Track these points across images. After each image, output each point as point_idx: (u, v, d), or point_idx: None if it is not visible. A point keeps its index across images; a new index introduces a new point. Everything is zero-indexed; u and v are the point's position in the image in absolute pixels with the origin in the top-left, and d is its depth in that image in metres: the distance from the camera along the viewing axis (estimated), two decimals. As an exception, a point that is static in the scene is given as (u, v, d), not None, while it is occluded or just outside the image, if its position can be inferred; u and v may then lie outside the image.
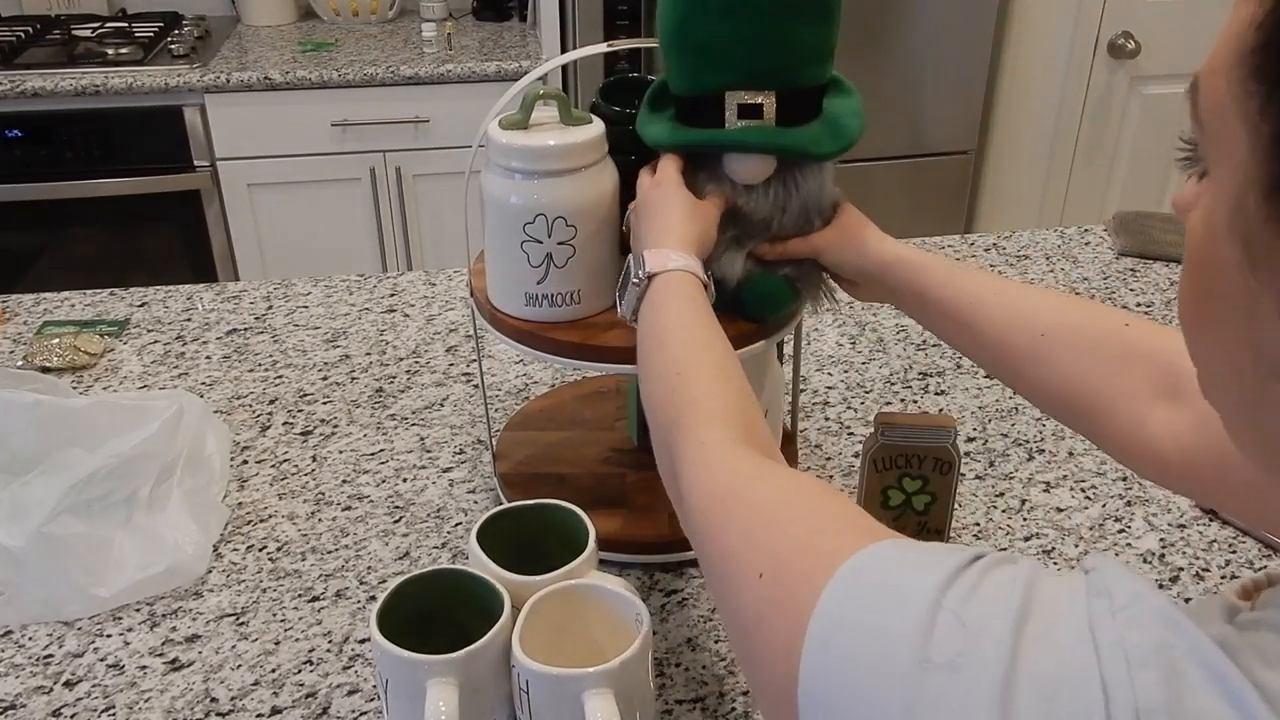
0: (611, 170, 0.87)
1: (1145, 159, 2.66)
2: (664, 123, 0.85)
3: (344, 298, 1.41)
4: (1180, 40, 2.52)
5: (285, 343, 1.30)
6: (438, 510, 1.02)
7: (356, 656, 0.86)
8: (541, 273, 0.86)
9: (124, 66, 2.29)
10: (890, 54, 2.48)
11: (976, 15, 2.48)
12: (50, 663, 0.86)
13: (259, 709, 0.82)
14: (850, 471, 1.08)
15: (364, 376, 1.24)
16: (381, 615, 0.72)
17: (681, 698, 0.83)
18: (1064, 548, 0.98)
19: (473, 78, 2.36)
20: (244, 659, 0.86)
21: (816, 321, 1.34)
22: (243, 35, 2.61)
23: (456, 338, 1.31)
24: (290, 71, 2.30)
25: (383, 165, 2.42)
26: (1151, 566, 0.95)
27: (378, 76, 2.32)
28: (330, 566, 0.96)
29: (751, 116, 0.81)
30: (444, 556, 0.97)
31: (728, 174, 0.84)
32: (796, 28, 0.79)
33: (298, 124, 2.36)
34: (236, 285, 1.44)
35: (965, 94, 2.57)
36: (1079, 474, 1.07)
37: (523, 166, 0.84)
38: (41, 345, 1.25)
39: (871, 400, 1.19)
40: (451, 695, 0.68)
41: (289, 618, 0.90)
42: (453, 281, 1.45)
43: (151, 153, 2.33)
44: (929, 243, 1.55)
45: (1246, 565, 0.95)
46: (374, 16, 2.73)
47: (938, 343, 1.30)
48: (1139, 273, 1.47)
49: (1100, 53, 2.52)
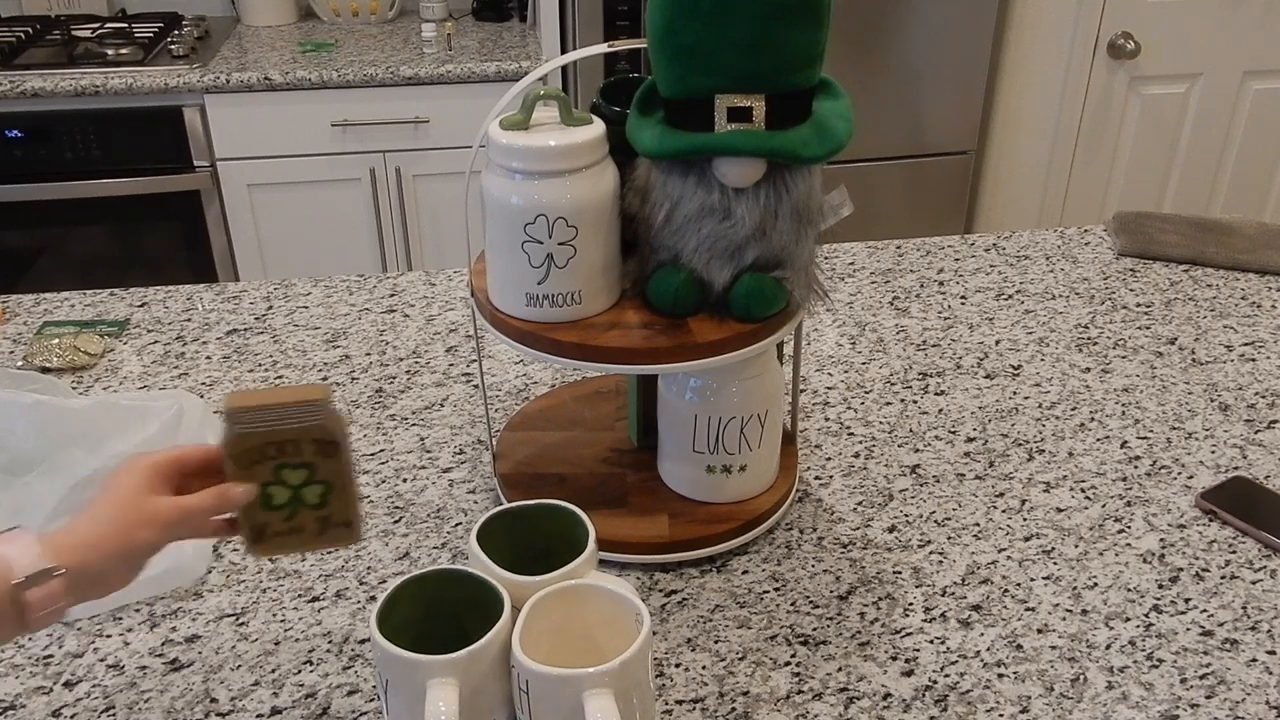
0: (612, 170, 0.87)
1: (1145, 159, 2.66)
2: (653, 127, 0.85)
3: (344, 298, 1.41)
4: (1180, 40, 2.53)
5: (285, 343, 1.30)
6: (438, 510, 1.02)
7: (356, 656, 0.86)
8: (542, 273, 0.86)
9: (124, 67, 2.30)
10: (890, 54, 2.48)
11: (976, 15, 2.48)
12: (50, 663, 0.86)
13: (259, 709, 0.82)
14: (850, 472, 1.08)
15: (364, 377, 1.24)
16: (381, 615, 0.72)
17: (681, 698, 0.83)
18: (1064, 548, 0.98)
19: (473, 78, 2.36)
20: (244, 659, 0.86)
21: (816, 321, 1.34)
22: (243, 35, 2.61)
23: (456, 338, 1.31)
24: (290, 72, 2.30)
25: (383, 165, 2.42)
26: (1151, 566, 0.95)
27: (378, 77, 2.32)
28: (330, 566, 0.96)
29: (741, 120, 0.81)
30: (444, 556, 0.97)
31: (717, 177, 0.84)
32: (786, 31, 0.79)
33: (298, 124, 2.36)
34: (236, 285, 1.44)
35: (965, 94, 2.57)
36: (1079, 474, 1.07)
37: (523, 167, 0.84)
38: (41, 345, 1.25)
39: (871, 400, 1.19)
40: (451, 695, 0.68)
41: (289, 618, 0.90)
42: (453, 281, 1.45)
43: (151, 153, 2.33)
44: (929, 243, 1.56)
45: (1246, 565, 0.96)
46: (374, 17, 2.73)
47: (937, 343, 1.30)
48: (1139, 273, 1.47)
49: (1100, 53, 2.52)
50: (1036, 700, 0.82)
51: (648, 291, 0.90)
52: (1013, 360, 1.27)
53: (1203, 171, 2.70)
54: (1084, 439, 1.13)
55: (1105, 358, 1.27)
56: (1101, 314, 1.37)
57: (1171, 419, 1.16)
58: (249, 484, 0.75)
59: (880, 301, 1.39)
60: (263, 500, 0.76)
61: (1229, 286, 1.43)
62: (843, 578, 0.94)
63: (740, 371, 0.93)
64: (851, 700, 0.82)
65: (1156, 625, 0.89)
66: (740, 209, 0.84)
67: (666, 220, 0.87)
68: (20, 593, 0.64)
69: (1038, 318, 1.36)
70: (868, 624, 0.89)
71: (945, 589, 0.93)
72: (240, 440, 0.74)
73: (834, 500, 1.04)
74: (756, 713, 0.81)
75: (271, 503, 0.76)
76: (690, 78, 0.81)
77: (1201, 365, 1.25)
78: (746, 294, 0.87)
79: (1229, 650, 0.87)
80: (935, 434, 1.13)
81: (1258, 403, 1.18)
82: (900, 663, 0.85)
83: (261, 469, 0.75)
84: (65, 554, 0.66)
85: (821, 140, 0.83)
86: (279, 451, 0.75)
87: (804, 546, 0.98)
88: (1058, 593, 0.92)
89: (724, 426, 0.95)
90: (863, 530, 1.00)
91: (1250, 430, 1.14)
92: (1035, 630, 0.89)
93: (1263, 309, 1.38)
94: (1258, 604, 0.91)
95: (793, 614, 0.90)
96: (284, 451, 0.75)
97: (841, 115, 0.85)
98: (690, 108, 0.82)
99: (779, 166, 0.84)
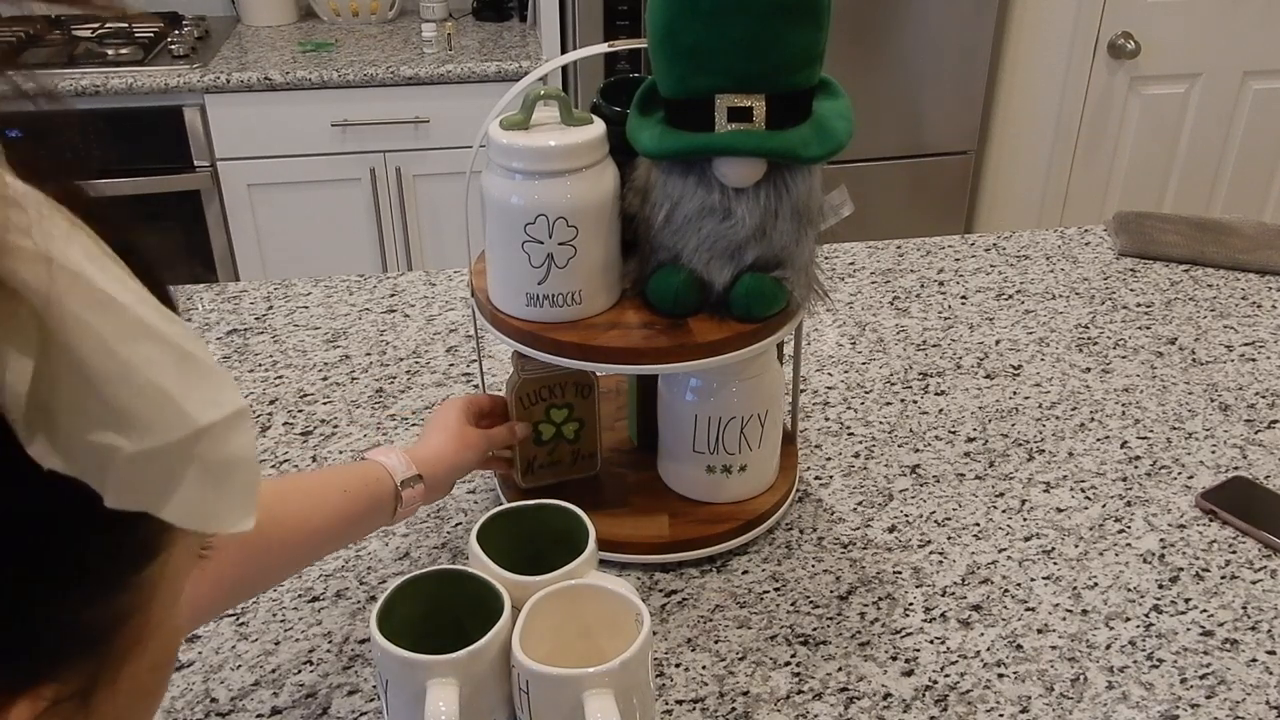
0: (612, 170, 0.87)
1: (1145, 159, 2.66)
2: (653, 127, 0.85)
3: (344, 298, 1.41)
4: (1180, 40, 2.53)
5: (285, 343, 1.30)
6: (438, 510, 1.02)
7: (356, 656, 0.86)
8: (542, 273, 0.86)
9: (124, 67, 2.30)
10: (891, 54, 2.48)
11: (976, 15, 2.48)
12: (50, 663, 0.86)
13: (259, 709, 0.82)
14: (850, 472, 1.08)
15: (364, 377, 1.24)
16: (381, 615, 0.72)
17: (681, 698, 0.83)
18: (1064, 548, 0.98)
19: (473, 78, 2.36)
20: (244, 659, 0.86)
21: (816, 321, 1.34)
22: (243, 35, 2.61)
23: (456, 338, 1.31)
24: (290, 72, 2.30)
25: (383, 165, 2.42)
26: (1151, 566, 0.95)
27: (378, 77, 2.32)
28: (330, 566, 0.96)
29: (741, 120, 0.81)
30: (444, 556, 0.97)
31: (717, 177, 0.84)
32: (786, 31, 0.79)
33: (298, 124, 2.36)
34: (236, 285, 1.44)
35: (965, 94, 2.57)
36: (1079, 474, 1.07)
37: (523, 167, 0.84)
38: (42, 345, 1.25)
39: (871, 400, 1.19)
40: (451, 695, 0.68)
41: (289, 618, 0.90)
42: (453, 281, 1.45)
43: (151, 153, 2.33)
44: (929, 243, 1.56)
45: (1246, 565, 0.96)
46: (374, 17, 2.73)
47: (938, 343, 1.30)
48: (1139, 273, 1.47)
49: (1100, 53, 2.52)
50: (1036, 700, 0.82)
51: (648, 291, 0.90)
52: (1013, 360, 1.27)
53: (1203, 171, 2.70)
54: (1084, 439, 1.13)
55: (1105, 358, 1.27)
56: (1101, 314, 1.37)
57: (1171, 419, 1.16)
58: (527, 423, 0.96)
59: (880, 301, 1.39)
60: (534, 436, 0.96)
61: (1229, 286, 1.43)
62: (843, 578, 0.94)
63: (740, 371, 0.93)
64: (851, 700, 0.82)
65: (1157, 625, 0.89)
66: (740, 209, 0.84)
67: (666, 220, 0.87)
68: (401, 490, 0.82)
69: (1038, 318, 1.36)
70: (868, 624, 0.89)
71: (945, 589, 0.93)
72: (526, 385, 0.94)
73: (834, 500, 1.04)
74: (756, 713, 0.81)
75: (540, 439, 0.97)
76: (690, 78, 0.81)
77: (1202, 365, 1.25)
78: (746, 294, 0.87)
79: (1229, 650, 0.87)
80: (935, 434, 1.13)
81: (1258, 403, 1.18)
82: (900, 663, 0.85)
83: (536, 409, 0.96)
84: (420, 465, 0.84)
85: (822, 140, 0.83)
86: (549, 394, 0.95)
87: (804, 546, 0.98)
88: (1058, 593, 0.92)
89: (724, 426, 0.95)
90: (863, 530, 1.00)
91: (1250, 430, 1.14)
92: (1035, 630, 0.89)
93: (1263, 309, 1.38)
94: (1258, 604, 0.91)
95: (793, 614, 0.90)
96: (553, 394, 0.95)
97: (842, 115, 0.85)
98: (690, 108, 0.82)
99: (779, 166, 0.84)
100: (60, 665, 0.30)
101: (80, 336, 0.28)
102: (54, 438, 0.28)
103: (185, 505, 0.31)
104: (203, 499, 0.32)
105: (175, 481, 0.31)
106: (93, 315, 0.28)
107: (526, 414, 0.96)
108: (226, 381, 0.33)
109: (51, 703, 0.30)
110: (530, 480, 0.99)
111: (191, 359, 0.31)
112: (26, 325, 0.27)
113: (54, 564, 0.29)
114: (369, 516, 0.82)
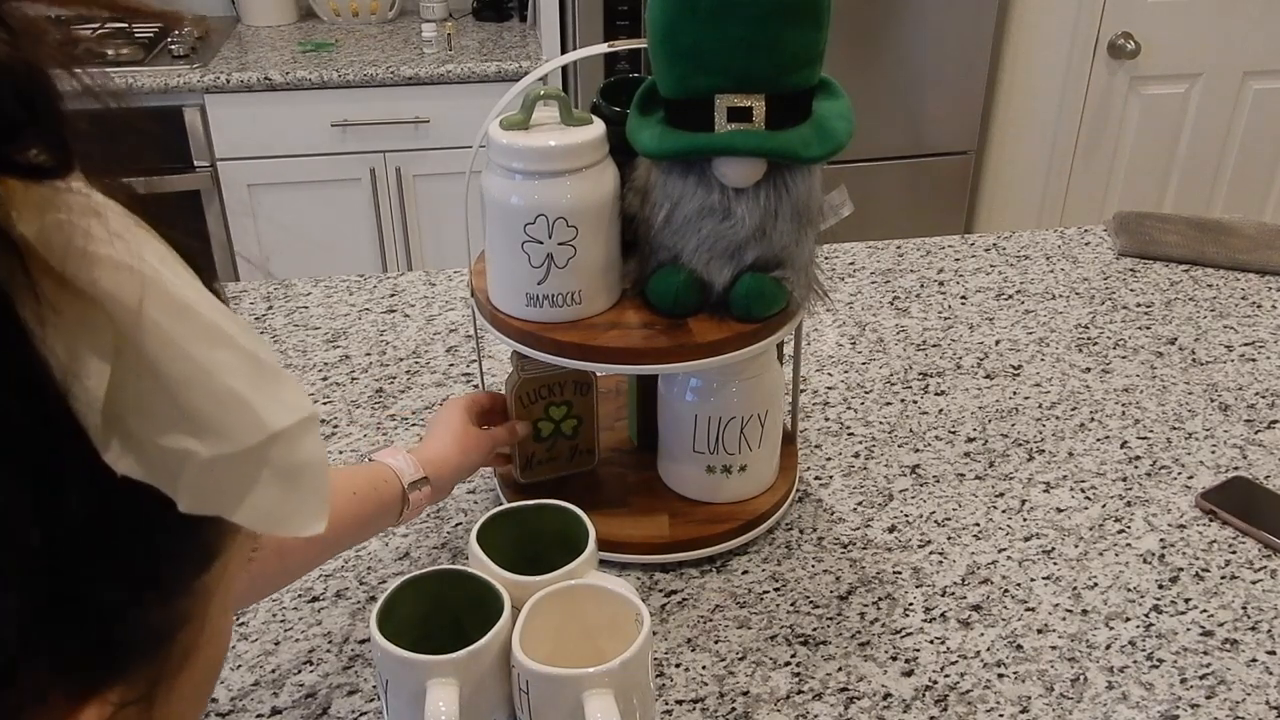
0: (612, 170, 0.87)
1: (1145, 159, 2.66)
2: (653, 127, 0.85)
3: (344, 298, 1.41)
4: (1180, 40, 2.53)
5: (285, 343, 1.30)
6: (438, 510, 1.02)
7: (356, 656, 0.86)
8: (542, 273, 0.86)
9: (124, 67, 2.29)
10: (890, 54, 2.48)
11: (976, 15, 2.48)
12: (50, 663, 0.86)
13: (259, 709, 0.82)
14: (850, 472, 1.08)
15: (364, 377, 1.24)
16: (381, 615, 0.72)
17: (681, 698, 0.83)
18: (1064, 548, 0.98)
19: (473, 78, 2.36)
20: (244, 659, 0.86)
21: (816, 321, 1.34)
22: (243, 35, 2.61)
23: (456, 338, 1.31)
24: (290, 72, 2.30)
25: (383, 165, 2.42)
26: (1151, 567, 0.95)
27: (378, 77, 2.32)
28: (330, 566, 0.96)
29: (741, 120, 0.81)
30: (444, 556, 0.97)
31: (717, 178, 0.84)
32: (786, 32, 0.79)
33: (298, 124, 2.36)
34: (236, 285, 1.44)
35: (965, 94, 2.57)
36: (1079, 474, 1.07)
37: (523, 167, 0.84)
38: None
39: (871, 400, 1.19)
40: (451, 695, 0.68)
41: (289, 618, 0.90)
42: (453, 281, 1.45)
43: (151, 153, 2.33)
44: (929, 243, 1.56)
45: (1246, 565, 0.96)
46: (374, 17, 2.73)
47: (938, 343, 1.30)
48: (1139, 273, 1.47)
49: (1100, 53, 2.52)
50: (1036, 700, 0.82)
51: (648, 291, 0.90)
52: (1013, 360, 1.27)
53: (1203, 171, 2.70)
54: (1084, 439, 1.13)
55: (1105, 358, 1.27)
56: (1101, 314, 1.37)
57: (1171, 419, 1.16)
58: (527, 421, 0.96)
59: (880, 301, 1.39)
60: (534, 433, 0.97)
61: (1229, 286, 1.43)
62: (843, 578, 0.94)
63: (740, 371, 0.93)
64: (851, 700, 0.82)
65: (1156, 625, 0.89)
66: (740, 209, 0.84)
67: (666, 220, 0.87)
68: (408, 493, 0.83)
69: (1038, 318, 1.36)
70: (868, 624, 0.89)
71: (945, 589, 0.93)
72: (525, 384, 0.95)
73: (834, 500, 1.04)
74: (756, 713, 0.81)
75: (539, 435, 0.98)
76: (690, 78, 0.81)
77: (1201, 365, 1.25)
78: (746, 294, 0.87)
79: (1229, 650, 0.87)
80: (935, 434, 1.13)
81: (1258, 403, 1.18)
82: (900, 663, 0.85)
83: (535, 407, 0.96)
84: (426, 467, 0.84)
85: (821, 140, 0.83)
86: (549, 392, 0.96)
87: (804, 546, 0.98)
88: (1058, 593, 0.92)
89: (724, 426, 0.95)
90: (863, 530, 1.00)
91: (1250, 430, 1.14)
92: (1035, 630, 0.89)
93: (1263, 309, 1.38)
94: (1258, 604, 0.91)
95: (793, 614, 0.90)
96: (552, 392, 0.96)
97: (842, 115, 0.85)
98: (690, 108, 0.82)
99: (779, 166, 0.84)
100: (127, 669, 0.30)
101: (158, 342, 0.28)
102: (128, 443, 0.27)
103: (258, 509, 0.31)
104: (275, 503, 0.32)
105: (248, 486, 0.31)
106: (170, 321, 0.28)
107: (526, 412, 0.96)
108: (296, 385, 0.33)
109: (118, 707, 0.30)
110: (529, 476, 1.00)
111: (262, 363, 0.31)
112: (104, 331, 0.27)
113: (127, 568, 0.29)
114: (377, 519, 0.82)
